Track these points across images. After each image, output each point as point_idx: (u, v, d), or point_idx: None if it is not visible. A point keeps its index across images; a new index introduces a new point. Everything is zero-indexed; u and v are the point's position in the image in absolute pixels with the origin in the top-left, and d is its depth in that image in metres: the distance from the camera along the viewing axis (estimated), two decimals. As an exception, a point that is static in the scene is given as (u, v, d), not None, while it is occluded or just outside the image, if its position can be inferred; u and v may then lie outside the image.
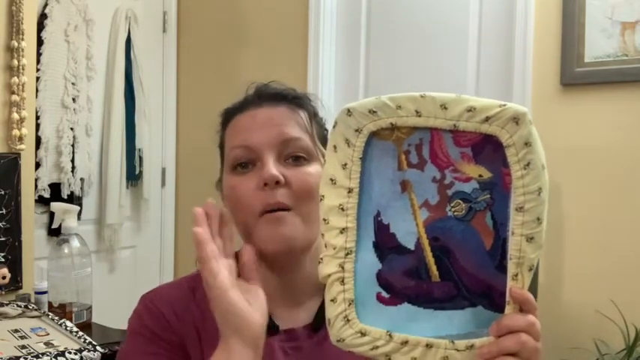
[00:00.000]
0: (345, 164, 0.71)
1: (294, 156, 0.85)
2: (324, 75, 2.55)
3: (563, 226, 2.05)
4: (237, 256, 0.94)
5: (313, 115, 0.90)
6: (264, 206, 0.82)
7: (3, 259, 1.85)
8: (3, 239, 1.85)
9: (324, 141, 0.89)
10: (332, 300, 0.71)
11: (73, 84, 2.46)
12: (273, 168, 0.82)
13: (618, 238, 1.97)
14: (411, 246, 0.70)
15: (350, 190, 0.71)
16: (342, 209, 0.71)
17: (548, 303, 1.98)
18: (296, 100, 0.89)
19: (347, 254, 0.71)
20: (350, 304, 0.70)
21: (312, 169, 0.84)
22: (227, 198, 0.87)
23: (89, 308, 1.85)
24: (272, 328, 0.84)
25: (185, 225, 2.98)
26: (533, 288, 1.77)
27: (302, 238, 0.83)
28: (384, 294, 0.71)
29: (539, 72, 2.09)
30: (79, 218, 2.10)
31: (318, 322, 0.71)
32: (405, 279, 0.70)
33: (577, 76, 2.02)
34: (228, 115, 0.91)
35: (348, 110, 0.70)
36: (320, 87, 2.54)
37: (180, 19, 2.97)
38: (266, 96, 0.88)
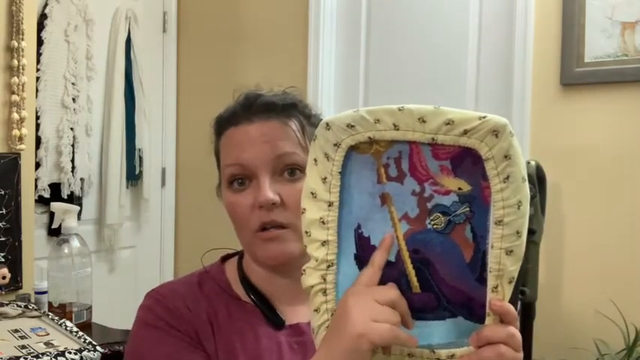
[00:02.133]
0: (325, 178, 0.71)
1: (289, 170, 0.87)
2: (324, 75, 2.55)
3: (563, 226, 2.05)
4: (241, 255, 0.95)
5: (306, 121, 0.91)
6: (260, 224, 0.86)
7: (3, 259, 1.85)
8: (3, 239, 1.85)
9: None
10: (315, 310, 0.73)
11: (73, 84, 2.46)
12: (268, 191, 0.85)
13: (618, 238, 1.97)
14: (392, 258, 0.70)
15: (330, 204, 0.71)
16: (323, 222, 0.71)
17: (548, 303, 1.98)
18: (286, 111, 0.89)
19: (328, 266, 0.72)
20: (332, 314, 0.71)
21: None
22: (227, 211, 0.90)
23: (89, 308, 1.85)
24: (278, 323, 0.89)
25: (185, 225, 2.98)
26: (533, 289, 1.77)
27: (299, 250, 0.86)
28: None
29: (539, 72, 2.09)
30: (79, 218, 2.11)
31: None
32: None
33: (577, 76, 2.01)
34: (221, 127, 0.92)
35: (327, 124, 0.70)
36: (320, 87, 2.54)
37: (180, 19, 2.97)
38: (257, 108, 0.89)
